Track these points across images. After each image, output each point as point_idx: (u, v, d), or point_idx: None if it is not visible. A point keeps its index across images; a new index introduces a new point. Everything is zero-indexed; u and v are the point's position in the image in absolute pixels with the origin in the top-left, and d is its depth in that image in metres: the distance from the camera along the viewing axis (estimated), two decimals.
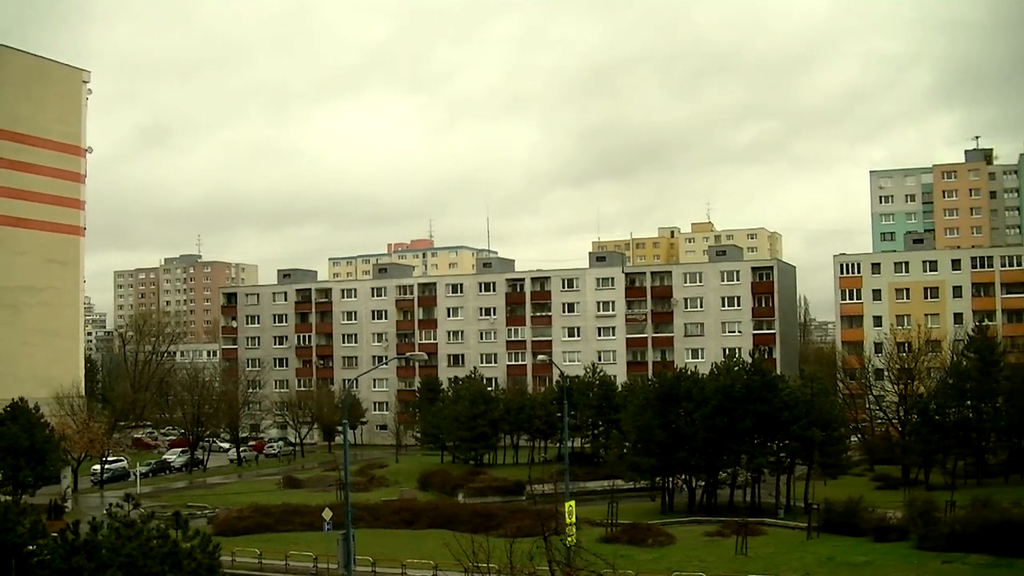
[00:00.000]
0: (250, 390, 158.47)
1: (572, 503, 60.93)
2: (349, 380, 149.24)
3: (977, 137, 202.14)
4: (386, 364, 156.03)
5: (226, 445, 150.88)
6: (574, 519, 59.80)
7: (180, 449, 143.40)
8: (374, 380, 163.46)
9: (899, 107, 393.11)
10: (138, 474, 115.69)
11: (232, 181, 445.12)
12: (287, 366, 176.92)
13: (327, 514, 71.96)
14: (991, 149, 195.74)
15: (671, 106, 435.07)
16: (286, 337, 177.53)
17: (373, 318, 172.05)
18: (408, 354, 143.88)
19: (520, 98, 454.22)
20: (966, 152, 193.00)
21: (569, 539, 52.12)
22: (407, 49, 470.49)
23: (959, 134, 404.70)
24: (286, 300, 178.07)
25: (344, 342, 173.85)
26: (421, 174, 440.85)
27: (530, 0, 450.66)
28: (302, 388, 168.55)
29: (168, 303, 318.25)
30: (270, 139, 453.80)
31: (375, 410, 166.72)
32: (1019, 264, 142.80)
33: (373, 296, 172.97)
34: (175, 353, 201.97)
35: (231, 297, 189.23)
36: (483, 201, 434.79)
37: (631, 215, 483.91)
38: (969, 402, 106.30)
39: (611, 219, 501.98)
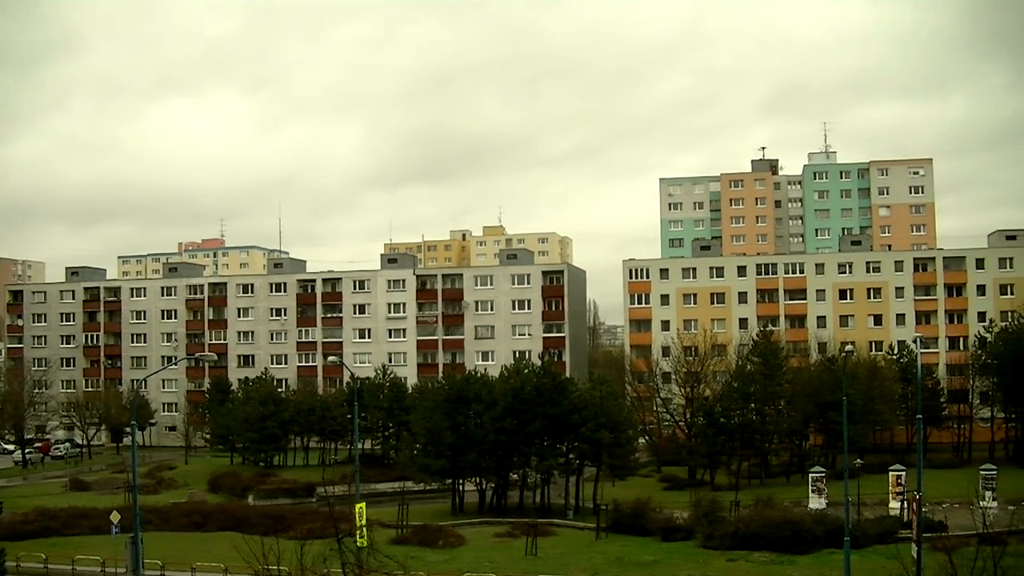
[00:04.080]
0: (36, 390, 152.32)
1: (363, 505, 60.04)
2: (138, 380, 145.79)
3: (763, 148, 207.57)
4: (175, 364, 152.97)
5: (11, 447, 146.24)
6: (365, 521, 58.99)
7: None
8: (163, 381, 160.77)
9: (724, 119, 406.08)
10: None
11: (50, 176, 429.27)
12: (74, 366, 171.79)
13: (115, 517, 69.65)
14: (777, 159, 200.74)
15: (504, 112, 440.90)
16: (74, 336, 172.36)
17: (163, 318, 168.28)
18: (198, 354, 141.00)
19: (357, 100, 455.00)
20: (753, 162, 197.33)
21: (360, 541, 51.37)
22: (251, 46, 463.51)
23: (777, 145, 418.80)
24: (74, 299, 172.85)
25: (133, 342, 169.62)
26: (246, 173, 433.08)
27: (386, 3, 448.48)
28: (90, 388, 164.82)
29: None
30: (95, 133, 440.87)
31: (164, 411, 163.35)
32: (802, 271, 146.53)
33: (163, 295, 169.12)
34: None
35: (17, 295, 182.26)
36: (304, 201, 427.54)
37: (448, 218, 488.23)
38: (753, 405, 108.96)
39: (428, 221, 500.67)
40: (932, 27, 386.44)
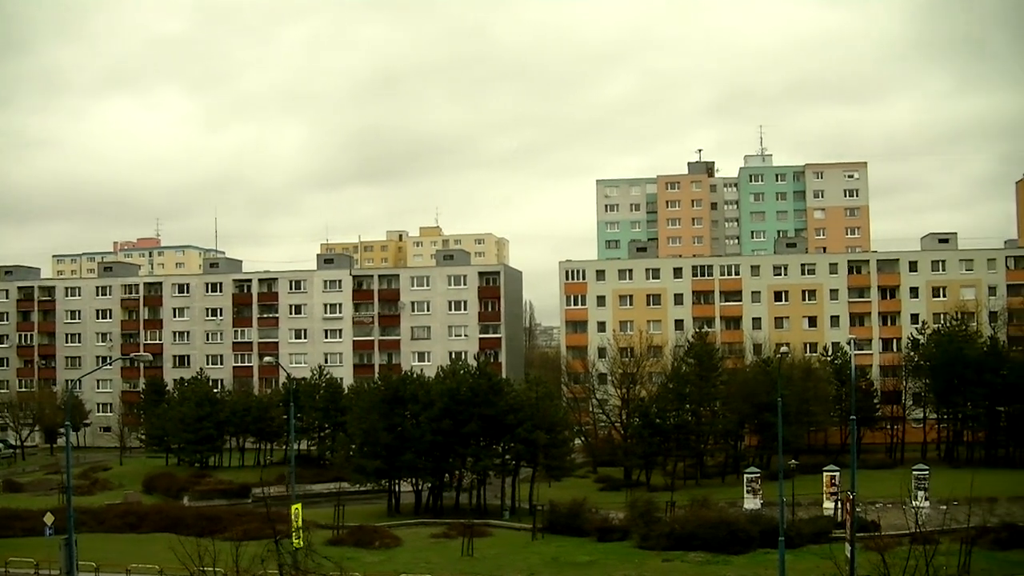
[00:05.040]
0: None
1: (299, 506, 59.75)
2: (72, 381, 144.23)
3: (700, 150, 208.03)
4: (110, 365, 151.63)
5: None
6: (301, 522, 58.73)
7: None
8: (98, 381, 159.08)
9: (670, 122, 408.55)
10: None
11: None
12: (8, 366, 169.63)
13: (49, 519, 68.93)
14: (713, 162, 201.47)
15: (450, 113, 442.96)
16: (7, 336, 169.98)
17: (97, 317, 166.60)
18: (133, 354, 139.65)
19: (304, 100, 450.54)
20: (689, 164, 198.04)
21: (296, 542, 51.16)
22: (199, 45, 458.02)
23: (722, 148, 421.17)
24: (7, 298, 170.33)
25: (67, 342, 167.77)
26: (189, 173, 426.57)
27: (336, 3, 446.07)
28: (23, 388, 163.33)
29: None
30: (38, 130, 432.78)
31: (99, 412, 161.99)
32: (737, 273, 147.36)
33: (98, 295, 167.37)
34: None
35: None
36: (247, 201, 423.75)
37: (392, 218, 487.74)
38: (689, 406, 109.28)
39: (371, 222, 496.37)
40: (876, 34, 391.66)
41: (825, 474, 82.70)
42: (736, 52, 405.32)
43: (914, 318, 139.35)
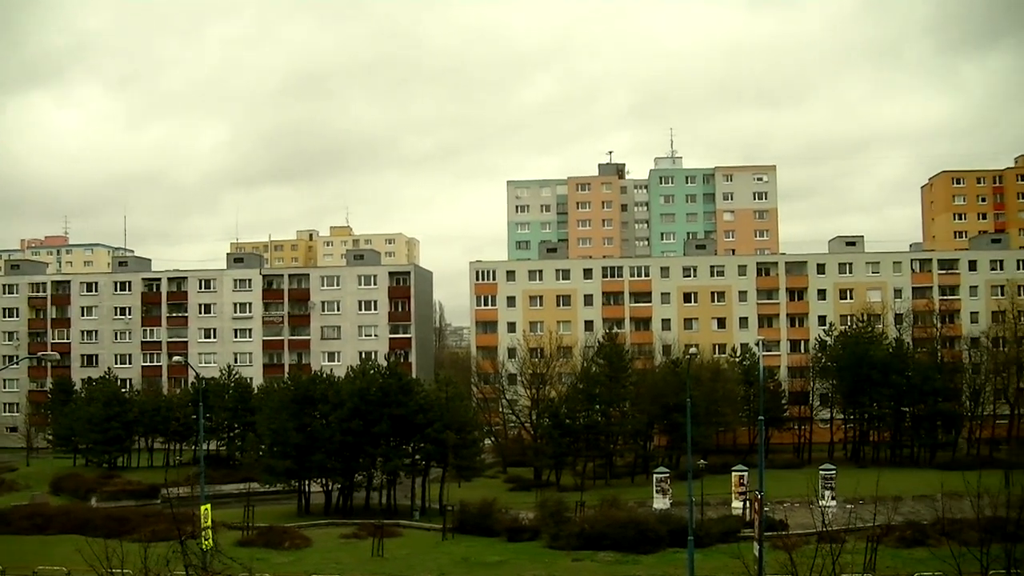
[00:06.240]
0: None
1: (208, 506, 59.26)
2: None
3: (610, 152, 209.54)
4: (16, 364, 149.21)
5: None
6: (210, 522, 58.21)
7: None
8: (4, 380, 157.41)
9: (591, 125, 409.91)
10: None
11: None
12: None
13: None
14: (624, 164, 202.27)
15: (373, 114, 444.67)
16: None
17: (4, 316, 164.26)
18: (40, 354, 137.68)
19: (226, 98, 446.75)
20: (600, 166, 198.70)
21: (205, 543, 50.70)
22: (122, 42, 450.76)
23: (641, 151, 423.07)
24: None
25: None
26: (105, 171, 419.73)
27: (263, 2, 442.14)
28: None
29: None
30: None
31: (5, 412, 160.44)
32: (647, 275, 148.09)
33: (4, 293, 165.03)
34: None
35: None
36: (165, 200, 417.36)
37: (313, 217, 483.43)
38: (598, 406, 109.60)
39: (290, 221, 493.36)
40: (794, 40, 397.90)
41: (734, 474, 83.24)
42: (656, 56, 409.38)
43: (821, 320, 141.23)
